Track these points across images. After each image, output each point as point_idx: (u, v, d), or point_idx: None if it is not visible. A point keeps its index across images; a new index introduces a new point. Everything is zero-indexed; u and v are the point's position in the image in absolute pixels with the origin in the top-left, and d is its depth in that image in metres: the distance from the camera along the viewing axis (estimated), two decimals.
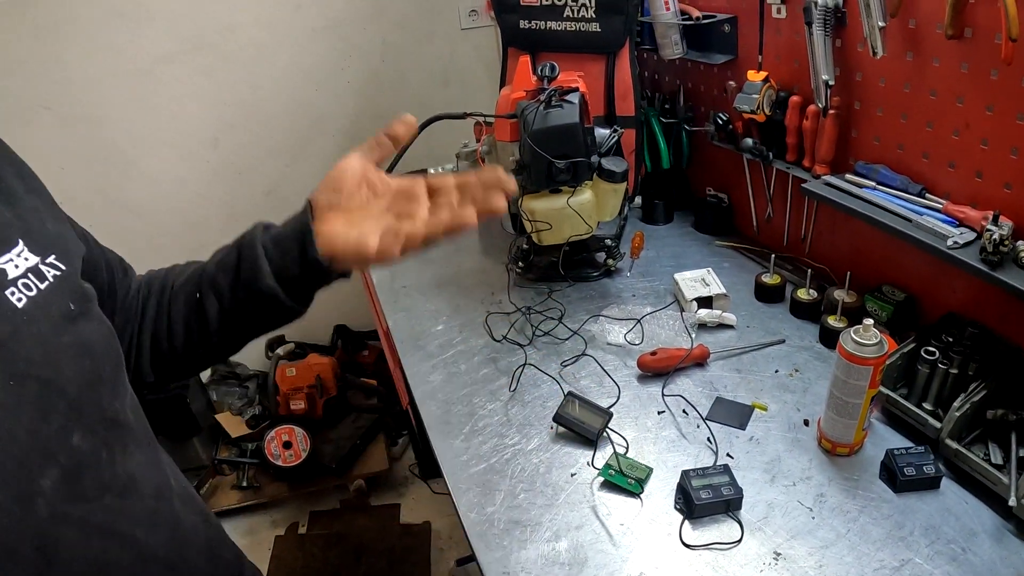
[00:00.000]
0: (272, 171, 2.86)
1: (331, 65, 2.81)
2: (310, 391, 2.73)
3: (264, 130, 2.80)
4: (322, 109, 2.86)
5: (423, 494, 2.83)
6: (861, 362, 1.09)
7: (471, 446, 1.27)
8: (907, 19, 1.28)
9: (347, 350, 3.11)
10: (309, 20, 2.70)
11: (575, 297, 1.70)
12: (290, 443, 2.64)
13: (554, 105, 1.47)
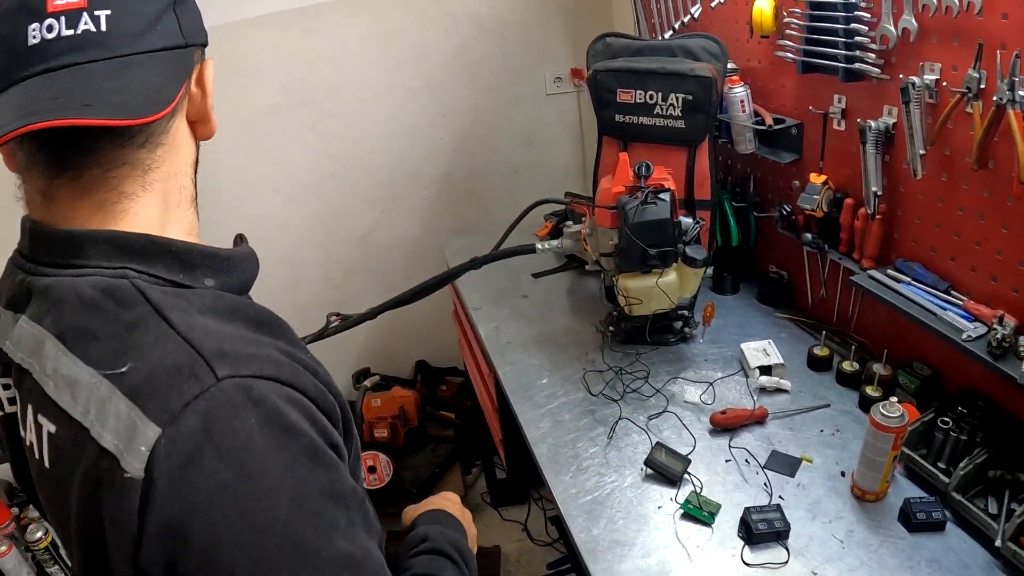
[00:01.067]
0: (367, 218, 3.37)
1: (426, 123, 3.32)
2: (393, 421, 3.22)
3: (362, 180, 3.31)
4: (416, 163, 3.37)
5: (493, 520, 3.33)
6: (886, 430, 1.56)
7: (578, 482, 1.78)
8: (943, 148, 1.73)
9: (427, 384, 3.62)
10: (407, 81, 3.22)
11: (657, 359, 2.20)
12: (374, 468, 3.14)
13: (649, 202, 1.96)
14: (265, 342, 0.85)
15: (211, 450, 0.73)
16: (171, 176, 0.92)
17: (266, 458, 0.75)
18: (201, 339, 0.79)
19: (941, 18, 1.63)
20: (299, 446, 0.78)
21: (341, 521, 0.80)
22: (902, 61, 1.78)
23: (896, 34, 1.73)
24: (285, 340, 0.90)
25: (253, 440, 0.75)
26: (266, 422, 0.76)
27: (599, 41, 2.44)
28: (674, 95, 2.22)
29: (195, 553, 0.72)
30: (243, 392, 0.76)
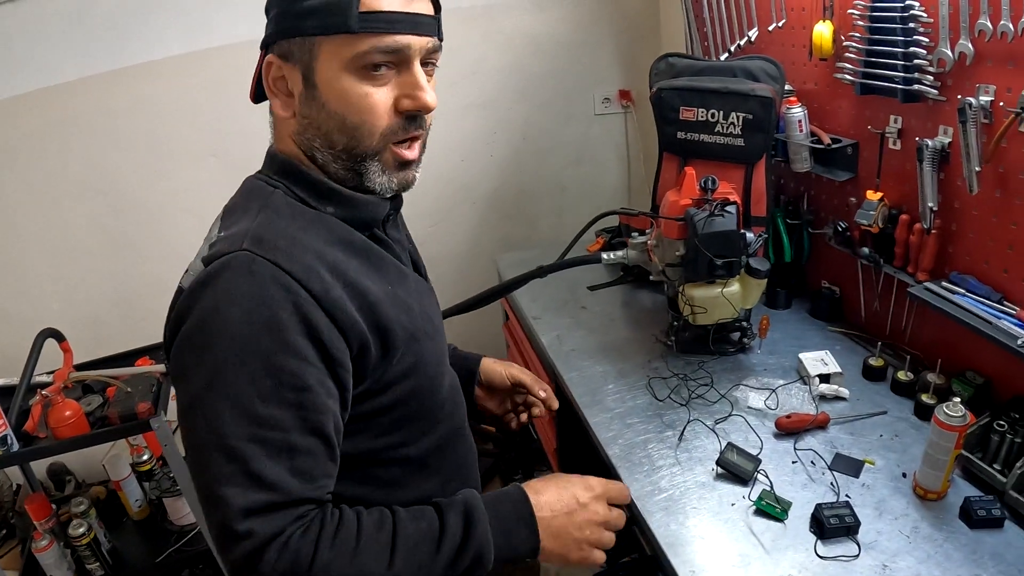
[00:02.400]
0: (418, 229, 3.45)
1: (477, 140, 3.50)
2: None
3: (413, 193, 3.43)
4: (467, 178, 3.54)
5: None
6: (950, 429, 1.71)
7: (652, 480, 1.94)
8: (998, 165, 1.88)
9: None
10: (461, 98, 3.39)
11: (718, 368, 2.37)
12: None
13: (717, 214, 2.13)
14: (319, 253, 1.19)
15: (211, 290, 1.11)
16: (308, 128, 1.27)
17: (231, 309, 1.09)
18: (259, 227, 1.17)
19: (997, 43, 1.79)
20: (265, 315, 1.10)
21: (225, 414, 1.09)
22: (958, 83, 1.94)
23: (953, 58, 1.90)
24: (367, 266, 1.27)
25: (235, 295, 1.10)
26: (251, 288, 1.10)
27: (662, 60, 2.62)
28: (735, 114, 2.39)
29: (179, 340, 1.15)
30: (248, 262, 1.11)
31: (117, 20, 2.98)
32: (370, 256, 1.29)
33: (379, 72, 1.19)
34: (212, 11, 3.06)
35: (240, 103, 3.20)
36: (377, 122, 1.22)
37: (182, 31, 3.05)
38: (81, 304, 3.32)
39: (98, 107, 3.07)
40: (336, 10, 1.13)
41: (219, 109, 3.18)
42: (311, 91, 1.20)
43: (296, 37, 1.18)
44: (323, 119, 1.22)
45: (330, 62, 1.17)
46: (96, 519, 2.88)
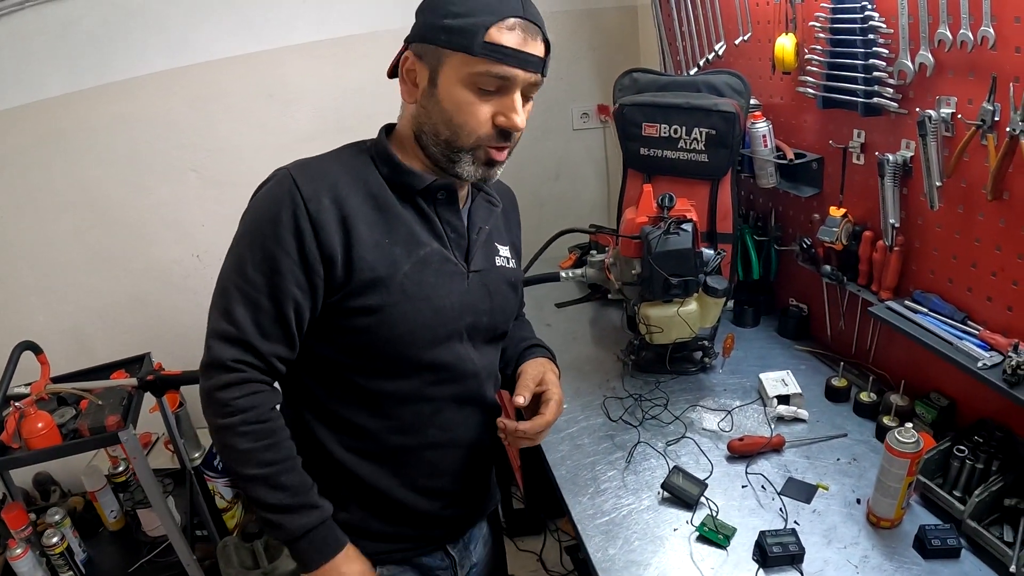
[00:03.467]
0: None
1: None
2: None
3: None
4: None
5: (509, 550, 3.28)
6: (901, 455, 1.58)
7: (596, 503, 1.81)
8: (960, 180, 1.77)
9: None
10: None
11: (676, 388, 2.24)
12: None
13: (672, 232, 2.00)
14: (338, 190, 1.39)
15: (264, 185, 1.43)
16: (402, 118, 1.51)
17: (259, 202, 1.41)
18: (312, 159, 1.45)
19: (957, 53, 1.68)
20: (269, 205, 1.37)
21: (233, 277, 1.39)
22: (919, 95, 1.83)
23: (913, 69, 1.79)
24: (375, 218, 1.43)
25: (266, 192, 1.40)
26: (272, 185, 1.40)
27: (626, 76, 2.50)
28: (698, 129, 2.27)
29: None
30: (281, 176, 1.39)
31: (100, 37, 2.92)
32: (387, 213, 1.45)
33: (486, 90, 1.37)
34: (192, 29, 2.98)
35: (220, 119, 3.18)
36: (476, 127, 1.39)
37: (163, 48, 2.98)
38: (65, 316, 3.24)
39: (82, 122, 3.00)
40: (466, 34, 1.32)
41: (199, 125, 3.10)
42: (432, 89, 1.38)
43: (431, 45, 1.36)
44: (436, 112, 1.40)
45: (451, 72, 1.36)
46: (71, 528, 2.81)
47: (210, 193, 3.17)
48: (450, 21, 1.33)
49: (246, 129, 3.11)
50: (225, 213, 2.54)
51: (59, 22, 2.85)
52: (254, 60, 3.03)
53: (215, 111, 3.10)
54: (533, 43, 1.36)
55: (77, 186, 3.08)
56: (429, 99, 1.40)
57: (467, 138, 1.40)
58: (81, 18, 2.87)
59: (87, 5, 2.86)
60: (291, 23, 3.00)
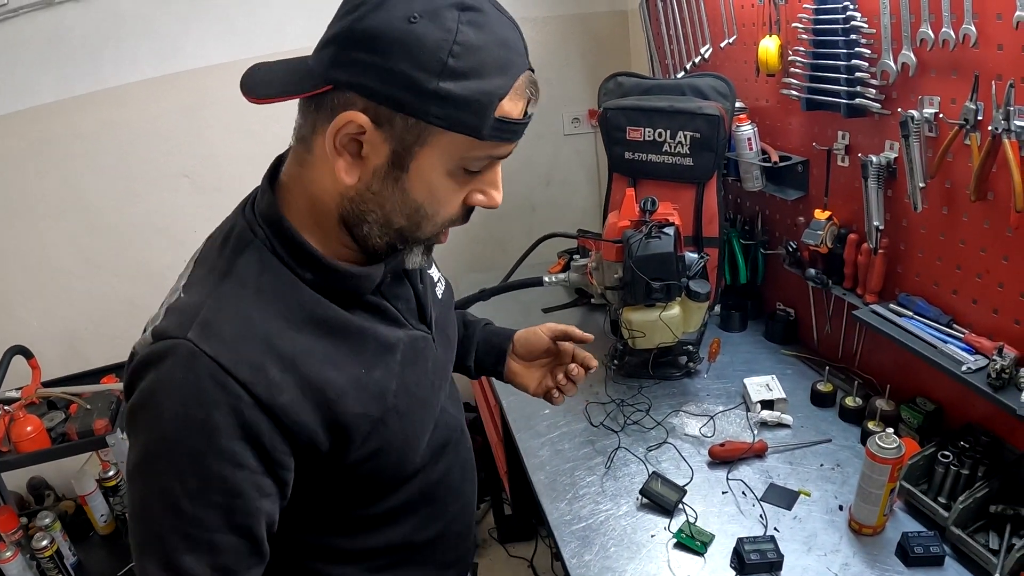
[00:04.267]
0: None
1: None
2: None
3: None
4: None
5: (499, 556, 3.28)
6: (882, 461, 1.52)
7: (573, 508, 1.75)
8: (943, 181, 1.71)
9: None
10: None
11: (660, 393, 2.17)
12: None
13: (653, 236, 1.94)
14: (281, 345, 1.00)
15: (154, 372, 0.95)
16: (313, 183, 1.06)
17: (165, 399, 0.94)
18: (211, 307, 0.99)
19: (939, 52, 1.62)
20: (194, 414, 0.94)
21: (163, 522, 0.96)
22: (903, 96, 1.77)
23: (896, 69, 1.73)
24: (337, 348, 1.07)
25: (171, 386, 0.94)
26: (187, 385, 0.94)
27: (610, 80, 2.45)
28: (682, 133, 2.22)
29: (125, 409, 1.01)
30: (189, 357, 0.94)
31: (92, 44, 2.88)
32: (345, 335, 1.09)
33: (471, 171, 1.03)
34: (183, 36, 2.94)
35: (211, 126, 3.17)
36: (448, 215, 1.07)
37: (155, 55, 2.94)
38: (58, 321, 3.20)
39: (74, 129, 2.96)
40: (474, 110, 0.94)
41: (191, 131, 3.06)
42: (395, 172, 0.99)
43: (406, 115, 0.94)
44: (395, 201, 1.02)
45: (436, 156, 0.99)
46: (61, 532, 2.78)
47: (202, 199, 3.12)
48: (448, 85, 0.92)
49: (237, 136, 3.06)
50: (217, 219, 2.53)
51: (51, 29, 2.81)
52: (245, 67, 2.96)
53: (206, 118, 3.05)
54: (532, 100, 1.03)
55: (69, 192, 3.04)
56: (387, 184, 1.01)
57: (431, 227, 1.07)
58: (73, 25, 2.82)
59: (79, 12, 2.82)
60: (281, 30, 2.95)
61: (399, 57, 0.91)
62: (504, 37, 0.97)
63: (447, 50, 0.91)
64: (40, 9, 2.77)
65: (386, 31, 0.92)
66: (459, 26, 0.92)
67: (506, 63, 0.97)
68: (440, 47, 0.91)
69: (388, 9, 0.92)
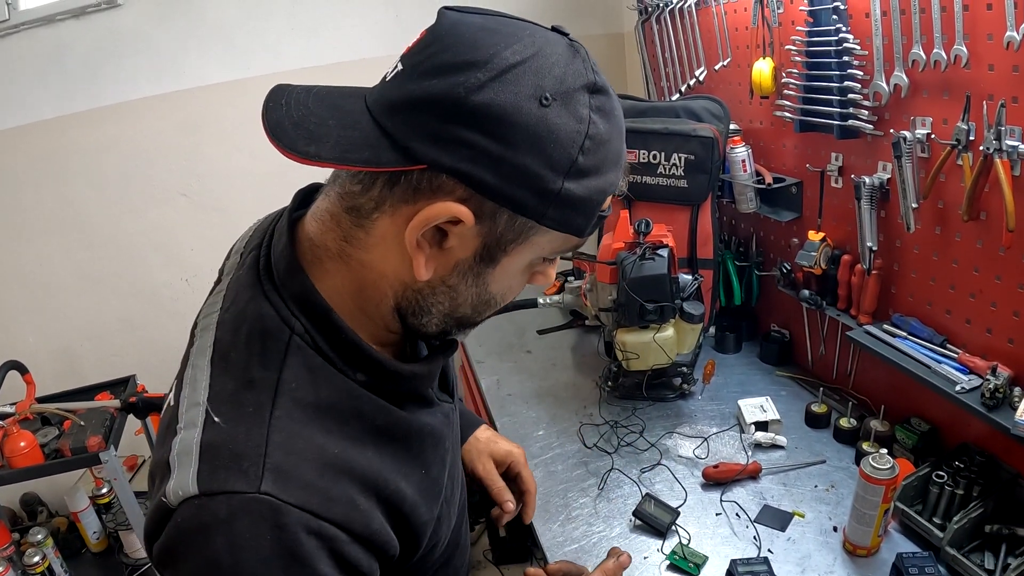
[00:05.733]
0: None
1: None
2: None
3: None
4: None
5: None
6: (876, 482, 1.50)
7: (566, 530, 1.73)
8: (936, 201, 1.70)
9: None
10: None
11: (654, 414, 2.15)
12: None
13: (647, 258, 1.93)
14: (348, 468, 0.84)
15: (224, 537, 0.75)
16: (367, 268, 0.88)
17: (260, 568, 0.76)
18: (277, 446, 0.80)
19: (931, 73, 1.62)
20: (299, 574, 0.77)
21: None
22: (895, 117, 1.77)
23: (888, 90, 1.72)
24: (401, 455, 0.92)
25: (259, 551, 0.76)
26: (278, 542, 0.76)
27: None
28: (677, 155, 2.21)
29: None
30: (273, 513, 0.76)
31: (92, 61, 2.88)
32: (407, 440, 0.95)
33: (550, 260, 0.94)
34: (183, 55, 2.94)
35: (210, 144, 3.15)
36: (511, 298, 0.96)
37: (155, 73, 2.94)
38: (55, 337, 3.19)
39: (73, 145, 2.96)
40: (588, 209, 0.83)
41: (189, 149, 3.06)
42: (481, 267, 0.86)
43: (515, 212, 0.80)
44: (471, 294, 0.90)
45: (531, 252, 0.87)
46: (53, 549, 2.75)
47: (200, 217, 3.11)
48: (572, 185, 0.79)
49: (236, 154, 3.05)
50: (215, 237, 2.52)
51: (52, 45, 2.82)
52: (244, 86, 2.97)
53: (206, 136, 3.05)
54: None
55: (68, 208, 3.03)
56: (466, 279, 0.87)
57: (489, 313, 0.96)
58: (74, 42, 2.83)
59: (80, 29, 2.83)
60: (280, 49, 2.95)
61: (527, 149, 0.76)
62: (623, 124, 0.85)
63: (579, 145, 0.78)
64: (40, 26, 2.78)
65: (515, 114, 0.75)
66: (591, 114, 0.79)
67: (621, 154, 0.85)
68: (573, 141, 0.78)
69: (515, 83, 0.76)
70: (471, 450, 1.44)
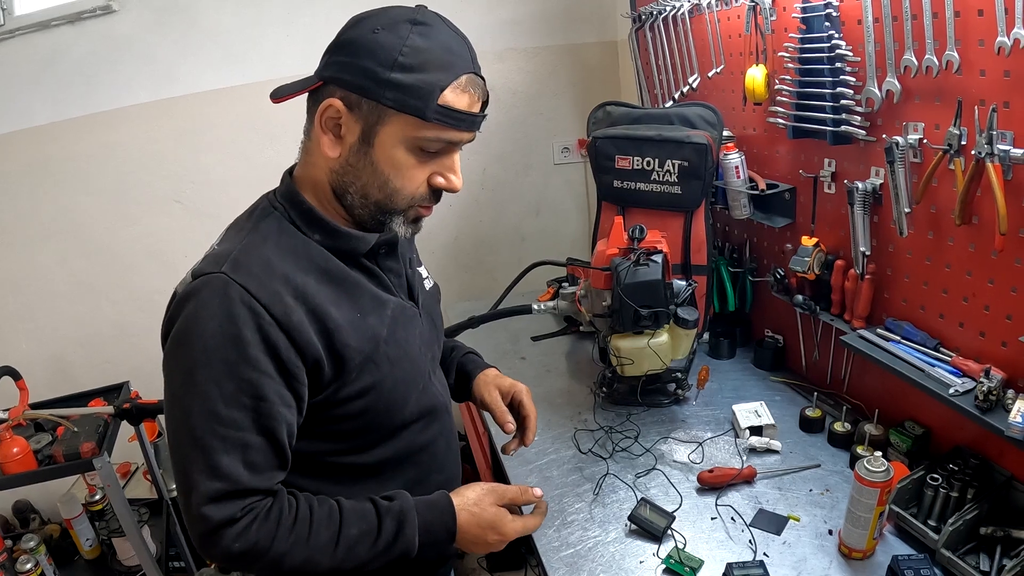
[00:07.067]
0: None
1: None
2: None
3: None
4: (424, 229, 3.31)
5: None
6: (871, 485, 1.50)
7: (561, 535, 1.72)
8: (929, 206, 1.71)
9: None
10: None
11: (649, 420, 2.15)
12: None
13: (641, 264, 1.93)
14: (293, 281, 1.23)
15: (193, 302, 1.18)
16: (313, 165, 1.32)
17: (207, 323, 1.16)
18: (241, 252, 1.23)
19: (923, 78, 1.63)
20: (228, 329, 1.16)
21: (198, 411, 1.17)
22: (887, 123, 1.77)
23: (881, 96, 1.73)
24: (338, 293, 1.29)
25: (208, 309, 1.17)
26: (221, 305, 1.16)
27: (599, 109, 2.45)
28: (670, 161, 2.22)
29: (168, 341, 1.22)
30: (223, 286, 1.17)
31: (87, 68, 2.89)
32: (344, 284, 1.32)
33: (428, 152, 1.26)
34: (179, 61, 2.95)
35: (205, 151, 3.14)
36: (413, 190, 1.29)
37: (150, 80, 2.95)
38: (48, 343, 3.18)
39: (68, 151, 2.97)
40: (418, 95, 1.19)
41: (184, 156, 3.06)
42: (365, 147, 1.25)
43: (369, 99, 1.20)
44: (368, 173, 1.27)
45: (393, 133, 1.23)
46: (45, 556, 2.76)
47: (194, 224, 3.10)
48: (399, 76, 1.18)
49: (231, 161, 3.06)
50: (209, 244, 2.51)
51: (47, 51, 2.83)
52: (239, 93, 2.98)
53: (200, 143, 3.05)
54: (479, 100, 1.27)
55: (62, 215, 3.03)
56: (360, 157, 1.26)
57: (402, 201, 1.29)
58: (69, 48, 2.84)
59: (75, 35, 2.84)
60: (275, 57, 2.95)
61: (364, 56, 1.19)
62: (448, 44, 1.22)
63: (398, 50, 1.18)
64: (35, 31, 2.79)
65: (357, 39, 1.21)
66: (409, 35, 1.19)
67: (447, 63, 1.21)
68: (393, 47, 1.18)
69: (361, 25, 1.22)
70: (479, 383, 1.75)
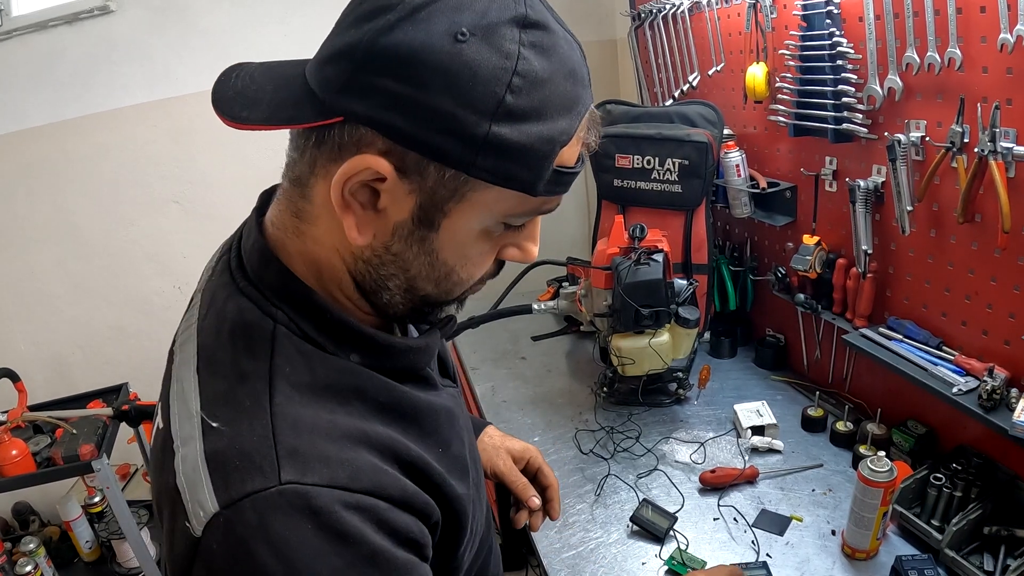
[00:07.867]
0: None
1: None
2: None
3: None
4: None
5: None
6: (874, 485, 1.49)
7: (563, 537, 1.72)
8: (931, 204, 1.70)
9: None
10: None
11: (650, 420, 2.14)
12: None
13: (642, 263, 1.92)
14: (363, 437, 0.78)
15: (264, 544, 0.69)
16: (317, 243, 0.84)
17: (315, 561, 0.70)
18: (285, 430, 0.74)
19: (925, 76, 1.62)
20: (354, 553, 0.72)
21: None
22: (889, 120, 1.76)
23: (882, 94, 1.72)
24: (414, 432, 0.86)
25: (305, 544, 0.70)
26: (321, 528, 0.71)
27: (599, 108, 2.43)
28: (671, 160, 2.21)
29: None
30: (302, 500, 0.71)
31: (85, 68, 2.87)
32: (418, 418, 0.89)
33: (513, 228, 0.83)
34: (176, 61, 2.93)
35: (202, 151, 3.15)
36: (481, 275, 0.88)
37: (147, 80, 2.93)
38: (46, 345, 3.17)
39: (65, 152, 2.95)
40: (531, 161, 0.73)
41: (182, 157, 3.05)
42: (423, 232, 0.78)
43: (442, 164, 0.73)
44: (421, 264, 0.82)
45: (474, 214, 0.78)
46: (45, 558, 2.75)
47: (192, 225, 3.10)
48: (503, 130, 0.71)
49: (228, 162, 3.04)
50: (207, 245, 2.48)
51: (44, 52, 2.81)
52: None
53: (198, 143, 3.03)
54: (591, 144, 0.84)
55: (60, 216, 3.02)
56: (412, 244, 0.79)
57: (460, 289, 0.88)
58: (66, 49, 2.82)
59: (73, 36, 2.82)
60: (273, 57, 2.93)
61: (441, 89, 0.69)
62: (572, 64, 0.75)
63: (506, 83, 0.70)
64: (33, 32, 2.77)
65: (424, 52, 0.68)
66: (521, 49, 0.70)
67: (573, 99, 0.75)
68: (497, 79, 0.69)
69: (427, 21, 0.69)
70: (486, 448, 1.42)
